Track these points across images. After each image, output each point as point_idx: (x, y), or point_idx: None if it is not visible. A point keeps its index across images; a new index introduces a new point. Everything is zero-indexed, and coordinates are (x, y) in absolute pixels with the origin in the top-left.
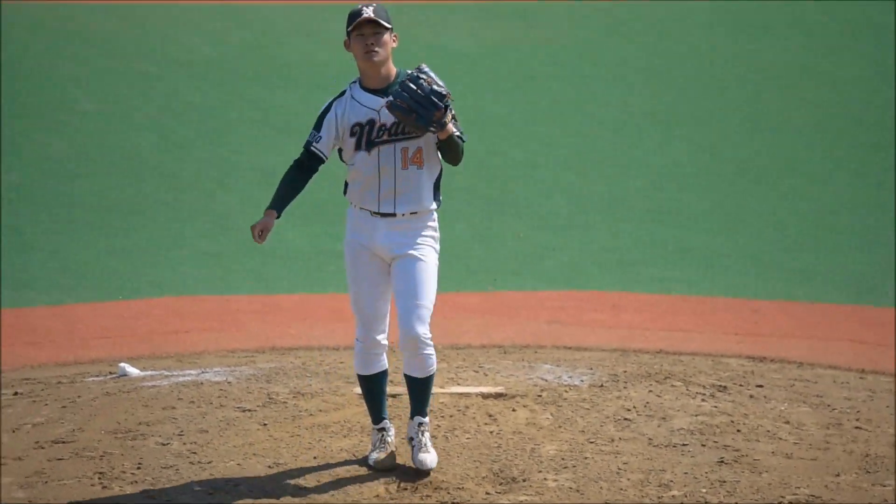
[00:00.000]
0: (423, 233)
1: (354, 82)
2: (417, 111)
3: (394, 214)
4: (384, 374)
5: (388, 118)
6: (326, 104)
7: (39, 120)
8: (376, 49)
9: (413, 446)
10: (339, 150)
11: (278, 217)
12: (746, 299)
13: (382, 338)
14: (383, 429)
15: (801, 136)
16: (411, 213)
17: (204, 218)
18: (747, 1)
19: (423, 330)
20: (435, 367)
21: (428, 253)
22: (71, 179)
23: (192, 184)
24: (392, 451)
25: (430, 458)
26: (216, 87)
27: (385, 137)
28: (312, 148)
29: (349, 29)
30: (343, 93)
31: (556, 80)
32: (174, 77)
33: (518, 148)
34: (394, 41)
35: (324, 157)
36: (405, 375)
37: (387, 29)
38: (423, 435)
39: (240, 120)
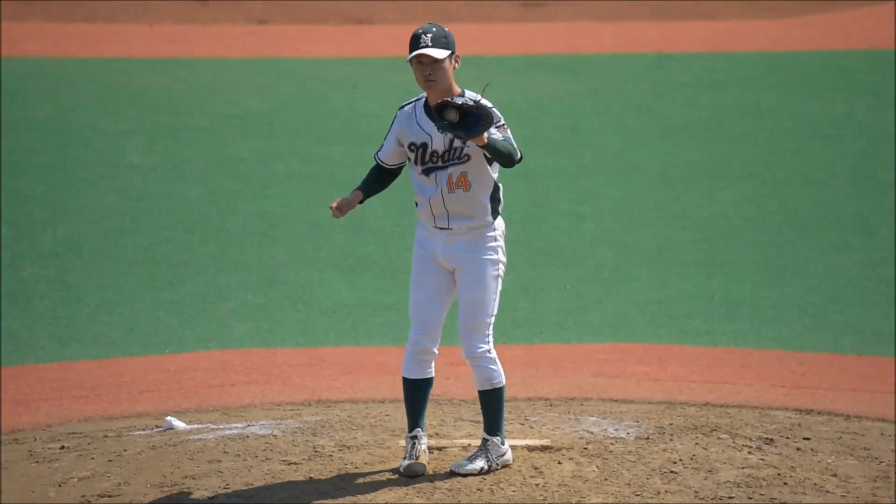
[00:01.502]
0: (484, 244)
1: (421, 98)
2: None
3: (450, 228)
4: (429, 382)
5: (440, 145)
6: (396, 112)
7: (87, 173)
8: (433, 80)
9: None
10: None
11: (362, 202)
12: (793, 351)
13: (434, 346)
14: (415, 437)
15: (848, 187)
16: (467, 228)
17: (251, 271)
18: (793, 53)
19: (480, 344)
20: (500, 380)
21: (486, 265)
22: (118, 233)
23: (238, 237)
24: (420, 459)
25: (468, 465)
26: (263, 141)
27: (439, 164)
28: (376, 157)
29: (409, 57)
30: (413, 103)
31: (602, 132)
32: (222, 130)
33: (564, 200)
34: (455, 63)
35: (388, 167)
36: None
37: (446, 56)
38: (480, 451)
39: (287, 173)
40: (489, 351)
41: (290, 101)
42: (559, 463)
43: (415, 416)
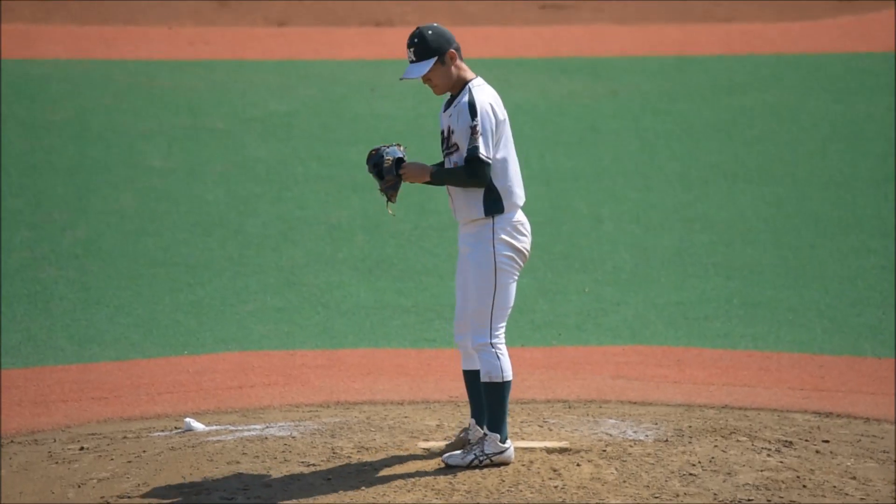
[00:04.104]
0: (481, 238)
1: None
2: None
3: (457, 220)
4: (470, 374)
5: (443, 128)
6: None
7: (107, 175)
8: (434, 87)
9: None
10: None
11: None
12: (812, 354)
13: (462, 338)
14: (467, 428)
15: (868, 189)
16: (467, 220)
17: (269, 273)
18: (813, 55)
19: (478, 337)
20: (498, 374)
21: (479, 258)
22: (138, 234)
23: (257, 239)
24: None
25: (458, 458)
26: (282, 143)
27: (445, 152)
28: None
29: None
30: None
31: (621, 134)
32: (241, 132)
33: (583, 202)
34: (450, 60)
35: None
36: None
37: (433, 63)
38: (476, 445)
39: (306, 175)
40: (490, 344)
41: (309, 104)
42: (578, 465)
43: (471, 406)
